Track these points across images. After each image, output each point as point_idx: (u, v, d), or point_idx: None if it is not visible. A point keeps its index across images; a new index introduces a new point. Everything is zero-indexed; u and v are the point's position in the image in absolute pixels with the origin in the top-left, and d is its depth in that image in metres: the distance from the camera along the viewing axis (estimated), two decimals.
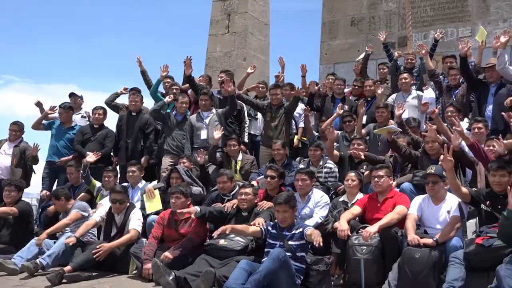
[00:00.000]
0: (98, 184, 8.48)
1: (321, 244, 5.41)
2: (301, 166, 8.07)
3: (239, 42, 14.72)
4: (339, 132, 8.98)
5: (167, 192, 7.50)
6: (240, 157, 8.53)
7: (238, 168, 8.47)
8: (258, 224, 6.07)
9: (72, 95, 10.77)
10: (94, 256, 6.54)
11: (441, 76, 9.29)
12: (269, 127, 9.06)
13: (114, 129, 9.88)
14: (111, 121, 10.55)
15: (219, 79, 10.21)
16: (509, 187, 5.27)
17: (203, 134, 8.91)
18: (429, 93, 9.00)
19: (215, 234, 5.98)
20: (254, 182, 7.50)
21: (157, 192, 7.64)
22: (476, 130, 7.32)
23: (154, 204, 7.54)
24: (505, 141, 6.65)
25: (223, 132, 8.61)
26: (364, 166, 7.55)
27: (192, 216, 6.57)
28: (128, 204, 7.24)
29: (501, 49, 7.98)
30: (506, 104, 7.22)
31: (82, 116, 10.68)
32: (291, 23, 45.46)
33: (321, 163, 7.93)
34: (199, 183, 7.87)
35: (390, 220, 5.97)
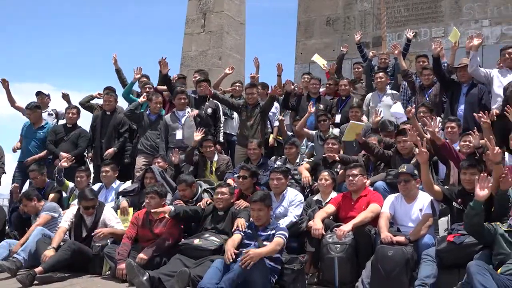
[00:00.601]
0: (71, 184, 8.39)
1: None
2: (278, 163, 8.11)
3: (214, 41, 14.70)
4: (314, 131, 9.03)
5: (142, 192, 7.45)
6: (215, 157, 8.51)
7: (213, 169, 8.45)
8: (238, 226, 6.05)
9: (39, 93, 10.58)
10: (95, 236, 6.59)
11: (414, 76, 9.38)
12: (244, 126, 9.06)
13: (87, 129, 9.80)
14: (85, 121, 10.49)
15: (193, 79, 10.19)
16: (477, 177, 5.35)
17: (179, 134, 8.88)
18: (396, 108, 9.01)
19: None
20: (230, 181, 7.49)
21: (131, 210, 7.48)
22: (449, 129, 7.40)
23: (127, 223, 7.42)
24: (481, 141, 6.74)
25: (203, 134, 8.58)
26: (339, 165, 7.60)
27: (166, 215, 6.55)
28: (96, 204, 7.16)
29: (474, 52, 8.09)
30: (491, 117, 7.28)
31: (49, 114, 10.50)
32: (267, 22, 45.60)
33: (297, 160, 7.98)
34: (173, 184, 7.83)
35: (364, 218, 6.02)
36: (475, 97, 8.08)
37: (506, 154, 6.63)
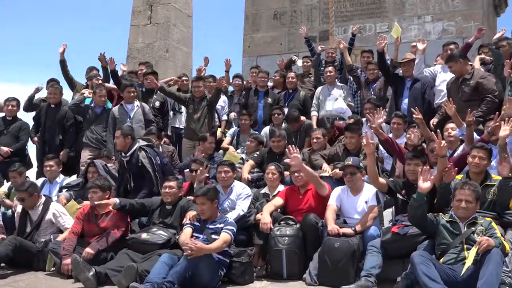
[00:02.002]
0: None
1: None
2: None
3: (161, 33, 14.54)
4: (268, 126, 9.06)
5: (86, 187, 7.31)
6: (160, 149, 8.43)
7: None
8: (189, 219, 6.04)
9: None
10: None
11: (359, 71, 9.54)
12: (191, 119, 9.02)
13: (29, 121, 9.53)
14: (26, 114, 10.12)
15: (140, 71, 10.06)
16: (420, 169, 5.50)
17: None
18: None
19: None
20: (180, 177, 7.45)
21: (73, 203, 7.30)
22: (395, 125, 7.58)
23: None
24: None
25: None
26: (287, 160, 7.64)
27: (110, 207, 6.44)
28: (42, 199, 6.99)
29: (419, 56, 8.28)
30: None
31: None
32: (214, 15, 45.23)
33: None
34: (117, 177, 7.69)
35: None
36: (418, 92, 8.29)
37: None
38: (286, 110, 9.37)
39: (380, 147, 7.17)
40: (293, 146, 6.50)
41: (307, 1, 12.76)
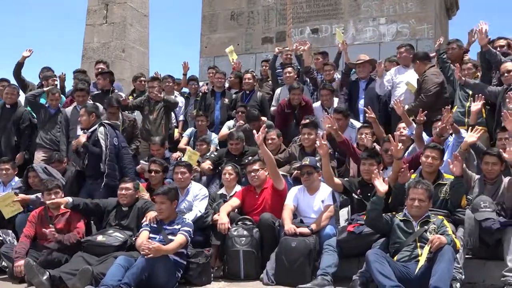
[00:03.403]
0: None
1: None
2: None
3: (117, 33, 14.38)
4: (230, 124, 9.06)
5: (29, 191, 7.16)
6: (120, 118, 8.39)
7: None
8: (148, 219, 5.98)
9: None
10: None
11: (315, 72, 9.60)
12: (147, 120, 8.92)
13: None
14: None
15: (95, 70, 9.91)
16: (374, 173, 5.61)
17: (79, 130, 8.29)
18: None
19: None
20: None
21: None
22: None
23: (12, 208, 7.08)
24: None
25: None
26: (246, 160, 7.65)
27: (62, 207, 6.32)
28: None
29: (379, 78, 8.35)
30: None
31: None
32: (171, 15, 44.99)
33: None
34: (60, 177, 7.49)
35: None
36: (373, 92, 8.43)
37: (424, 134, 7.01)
38: None
39: None
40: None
41: (264, 2, 12.80)
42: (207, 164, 7.69)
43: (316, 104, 8.64)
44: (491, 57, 7.44)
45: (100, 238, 6.08)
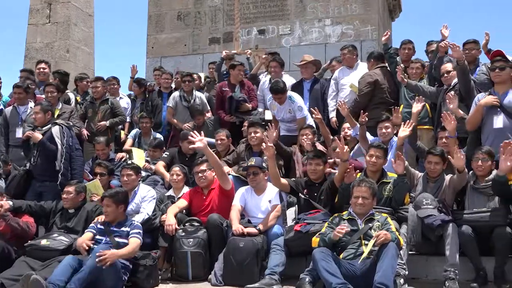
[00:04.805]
0: None
1: None
2: None
3: (61, 33, 14.06)
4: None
5: None
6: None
7: None
8: (96, 220, 5.96)
9: None
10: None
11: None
12: (92, 122, 8.78)
13: None
14: None
15: (37, 70, 9.65)
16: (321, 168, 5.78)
17: (18, 133, 8.05)
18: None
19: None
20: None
21: None
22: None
23: None
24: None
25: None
26: (200, 158, 7.60)
27: (1, 210, 6.10)
28: None
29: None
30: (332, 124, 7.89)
31: None
32: (117, 14, 44.35)
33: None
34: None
35: None
36: (318, 92, 8.55)
37: (368, 133, 7.14)
38: None
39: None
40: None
41: (211, 2, 12.77)
42: (161, 164, 7.66)
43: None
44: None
45: (44, 242, 5.94)
